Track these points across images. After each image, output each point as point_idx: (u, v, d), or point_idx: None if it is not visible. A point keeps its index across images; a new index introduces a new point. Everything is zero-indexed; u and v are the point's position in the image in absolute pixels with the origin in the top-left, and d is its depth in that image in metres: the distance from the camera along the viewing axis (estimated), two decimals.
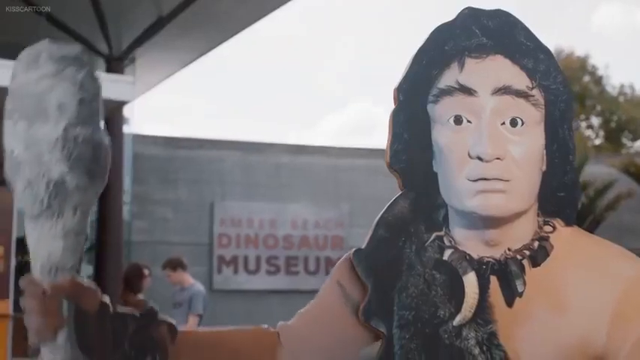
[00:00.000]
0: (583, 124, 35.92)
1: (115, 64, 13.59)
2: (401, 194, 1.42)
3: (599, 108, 36.08)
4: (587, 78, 35.78)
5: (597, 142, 35.66)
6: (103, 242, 13.84)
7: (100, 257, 13.90)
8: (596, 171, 19.24)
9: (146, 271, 8.22)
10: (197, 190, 18.46)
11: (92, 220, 16.35)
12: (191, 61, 14.63)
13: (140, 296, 8.15)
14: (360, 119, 56.15)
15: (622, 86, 36.50)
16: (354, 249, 1.44)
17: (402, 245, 1.40)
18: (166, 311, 6.80)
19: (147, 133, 18.74)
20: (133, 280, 8.15)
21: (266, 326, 1.73)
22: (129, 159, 16.43)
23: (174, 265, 7.71)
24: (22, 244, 15.01)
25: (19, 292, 1.41)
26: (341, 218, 19.46)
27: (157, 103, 62.30)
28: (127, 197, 15.92)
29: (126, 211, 15.65)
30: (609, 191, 19.13)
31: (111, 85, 9.98)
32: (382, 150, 1.43)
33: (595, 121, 36.53)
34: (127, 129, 15.44)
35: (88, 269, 17.04)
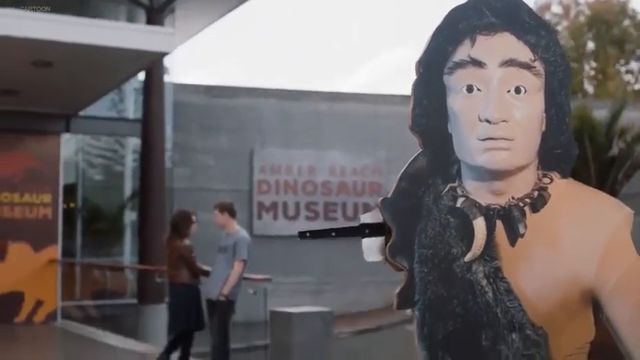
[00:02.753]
0: (622, 69, 35.28)
1: (155, 16, 13.78)
2: (420, 152, 1.67)
3: (638, 52, 35.33)
4: (626, 22, 34.99)
5: (637, 86, 35.01)
6: (146, 190, 14.18)
7: (144, 204, 14.28)
8: (634, 116, 19.06)
9: (193, 217, 8.48)
10: (237, 137, 18.74)
11: (135, 168, 16.87)
12: (229, 11, 14.75)
13: (187, 241, 8.48)
14: (397, 66, 55.75)
15: None
16: (381, 198, 1.69)
17: (421, 195, 1.65)
18: (211, 256, 7.10)
19: (187, 82, 19.04)
20: (181, 225, 8.40)
21: None
22: (170, 108, 16.72)
23: (223, 208, 7.94)
24: (68, 191, 15.55)
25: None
26: (378, 165, 19.66)
27: (197, 52, 62.49)
28: (168, 145, 16.27)
29: (167, 159, 16.00)
30: None
31: (151, 37, 10.21)
32: None
33: (634, 65, 35.81)
34: (167, 78, 15.72)
35: (132, 215, 17.58)
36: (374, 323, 16.71)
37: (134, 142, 17.06)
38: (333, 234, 1.80)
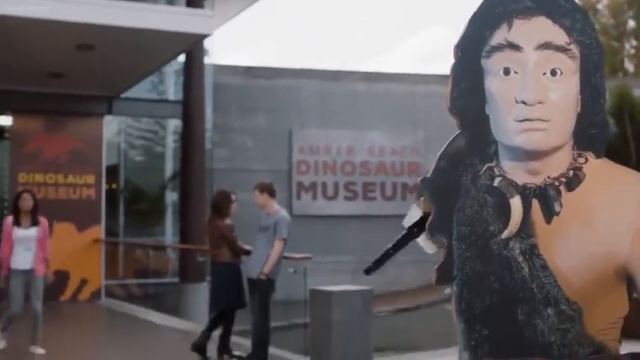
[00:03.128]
0: None
1: None
2: (459, 133, 1.73)
3: None
4: None
5: None
6: (187, 170, 14.37)
7: (185, 185, 14.49)
8: None
9: (233, 197, 8.60)
10: (275, 118, 18.81)
11: (176, 149, 17.08)
12: None
13: (228, 221, 8.60)
14: (436, 45, 55.28)
15: None
16: (420, 177, 1.76)
17: (459, 174, 1.72)
18: (250, 235, 7.20)
19: (226, 63, 19.13)
20: (222, 205, 8.52)
21: None
22: (209, 89, 16.85)
23: (263, 188, 8.03)
24: (110, 173, 15.82)
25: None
26: (417, 145, 19.62)
27: (236, 33, 62.74)
28: (208, 126, 16.43)
29: (207, 139, 16.17)
30: None
31: (191, 19, 10.32)
32: None
33: None
34: (207, 60, 15.85)
35: (173, 196, 17.82)
36: (413, 302, 16.78)
37: (174, 124, 17.27)
38: (391, 251, 1.88)
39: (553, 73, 1.61)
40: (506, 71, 1.62)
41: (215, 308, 8.76)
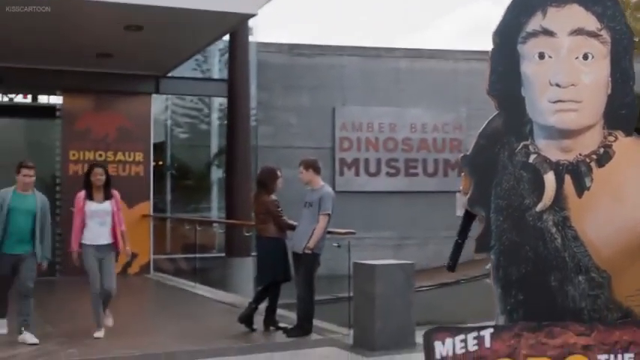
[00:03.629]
0: None
1: None
2: (497, 113, 1.88)
3: None
4: None
5: None
6: (232, 147, 14.58)
7: (230, 161, 14.71)
8: None
9: (279, 173, 8.77)
10: (318, 95, 19.00)
11: (220, 126, 17.31)
12: None
13: (273, 197, 8.78)
14: (478, 21, 54.65)
15: None
16: (461, 155, 1.92)
17: (497, 151, 1.87)
18: (294, 210, 7.36)
19: (270, 41, 19.28)
20: (268, 181, 8.69)
21: None
22: (254, 67, 17.03)
23: (308, 165, 8.19)
24: (157, 150, 16.14)
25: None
26: (459, 121, 19.62)
27: (279, 12, 62.78)
28: (252, 104, 16.62)
29: (252, 117, 16.36)
30: None
31: None
32: None
33: None
34: (251, 38, 16.01)
35: (218, 172, 18.12)
36: (453, 277, 16.86)
37: (219, 101, 17.52)
38: (460, 241, 2.03)
39: (585, 57, 1.74)
40: (541, 55, 1.76)
41: (261, 282, 8.96)
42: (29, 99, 14.56)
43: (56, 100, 14.16)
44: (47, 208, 7.70)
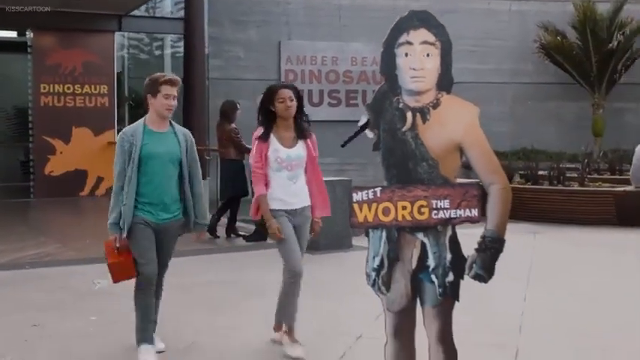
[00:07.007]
0: None
1: None
2: (384, 83, 3.55)
3: None
4: None
5: None
6: (189, 80, 15.38)
7: (188, 93, 15.64)
8: (635, 9, 20.09)
9: (238, 105, 10.22)
10: (265, 30, 19.88)
11: (173, 60, 18.34)
12: None
13: (233, 125, 10.27)
14: None
15: None
16: (366, 103, 3.63)
17: (384, 101, 3.55)
18: (246, 136, 8.82)
19: None
20: (229, 112, 10.12)
21: None
22: (205, 2, 17.91)
23: None
24: (118, 81, 17.24)
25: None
26: None
27: None
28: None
29: None
30: None
31: None
32: None
33: None
34: None
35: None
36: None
37: (170, 37, 18.57)
38: (353, 136, 3.70)
39: (428, 55, 3.43)
40: (406, 54, 3.45)
41: (223, 197, 10.50)
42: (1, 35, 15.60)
43: (27, 37, 15.26)
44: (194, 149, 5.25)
